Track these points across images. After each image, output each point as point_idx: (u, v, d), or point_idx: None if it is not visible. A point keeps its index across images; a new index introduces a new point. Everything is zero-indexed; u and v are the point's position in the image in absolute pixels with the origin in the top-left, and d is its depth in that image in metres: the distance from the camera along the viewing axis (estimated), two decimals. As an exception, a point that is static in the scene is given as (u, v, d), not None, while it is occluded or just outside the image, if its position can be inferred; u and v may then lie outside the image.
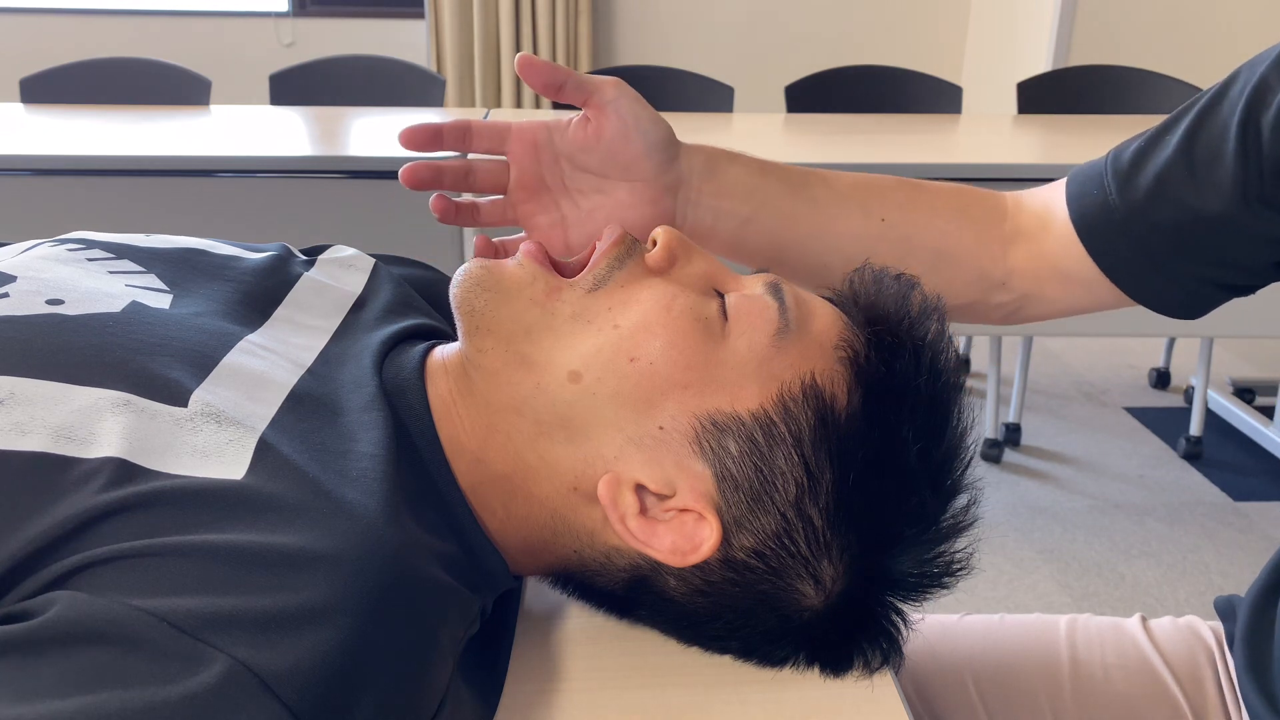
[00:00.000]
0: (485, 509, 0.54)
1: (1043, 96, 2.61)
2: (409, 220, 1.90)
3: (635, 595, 0.55)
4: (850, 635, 0.54)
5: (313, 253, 0.70)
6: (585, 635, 0.59)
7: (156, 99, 2.38)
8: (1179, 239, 0.65)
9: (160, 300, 0.55)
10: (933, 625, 0.80)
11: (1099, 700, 0.74)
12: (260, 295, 0.61)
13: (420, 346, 0.60)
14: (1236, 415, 2.57)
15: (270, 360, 0.54)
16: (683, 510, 0.51)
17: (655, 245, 0.56)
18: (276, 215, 1.94)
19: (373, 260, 0.70)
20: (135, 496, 0.41)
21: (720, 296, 0.55)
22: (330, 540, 0.42)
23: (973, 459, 0.55)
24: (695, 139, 0.69)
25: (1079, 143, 2.20)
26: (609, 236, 0.56)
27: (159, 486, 0.42)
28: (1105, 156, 0.70)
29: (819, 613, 0.53)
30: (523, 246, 0.57)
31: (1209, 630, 0.79)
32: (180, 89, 2.41)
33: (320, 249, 0.70)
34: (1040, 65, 3.40)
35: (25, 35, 3.84)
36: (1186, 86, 2.49)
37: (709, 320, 0.53)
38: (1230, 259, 0.65)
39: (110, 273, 0.57)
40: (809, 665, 0.55)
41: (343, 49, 3.07)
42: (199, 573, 0.39)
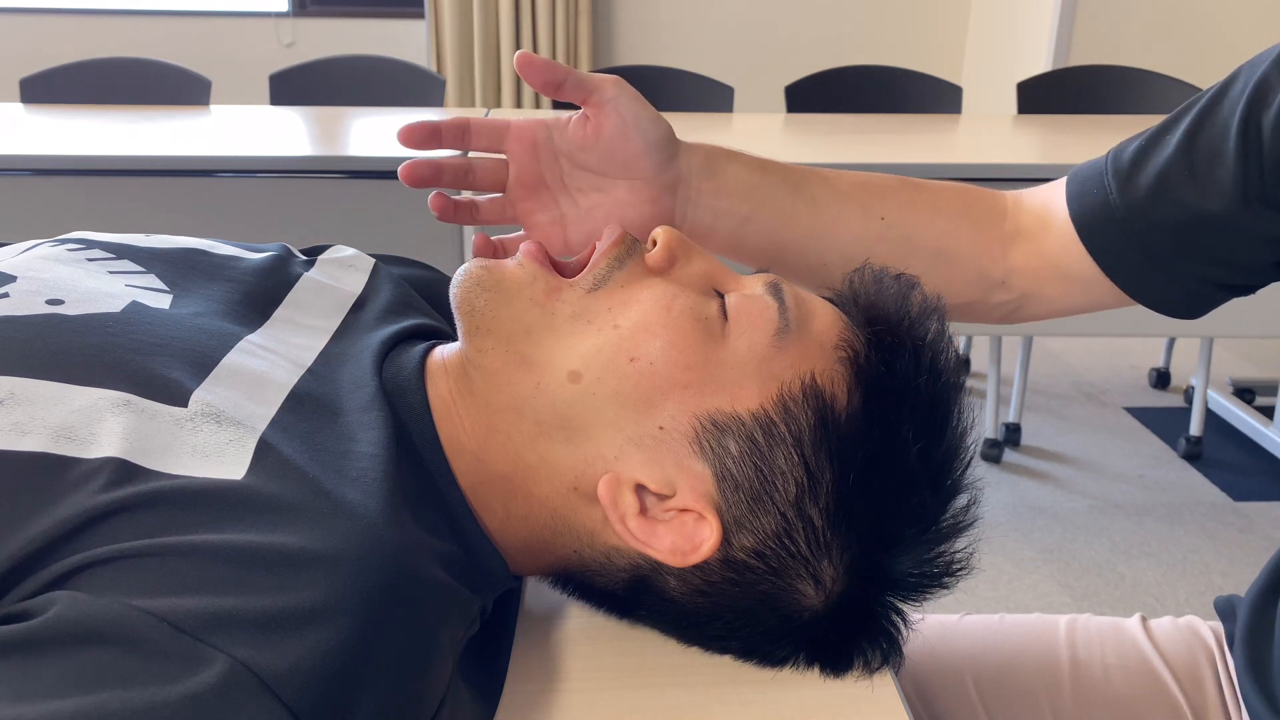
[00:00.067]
0: (485, 509, 0.54)
1: (1043, 96, 2.61)
2: (409, 220, 1.90)
3: (635, 595, 0.55)
4: (850, 635, 0.54)
5: (313, 253, 0.70)
6: (585, 635, 0.59)
7: (156, 99, 2.38)
8: (1179, 238, 0.65)
9: (160, 300, 0.55)
10: (933, 625, 0.80)
11: (1099, 700, 0.74)
12: (260, 295, 0.61)
13: (420, 346, 0.60)
14: (1236, 415, 2.57)
15: (270, 360, 0.54)
16: (683, 510, 0.51)
17: (655, 245, 0.56)
18: (276, 215, 1.94)
19: (373, 260, 0.70)
20: (135, 496, 0.41)
21: (720, 296, 0.55)
22: (330, 540, 0.42)
23: (973, 459, 0.55)
24: (695, 139, 0.69)
25: (1079, 143, 2.20)
26: (609, 236, 0.56)
27: (159, 486, 0.42)
28: (1105, 156, 0.70)
29: (819, 613, 0.53)
30: (523, 247, 0.57)
31: (1209, 630, 0.79)
32: (180, 89, 2.41)
33: (320, 249, 0.70)
34: (1040, 65, 3.40)
35: (25, 35, 3.84)
36: (1186, 86, 2.49)
37: (709, 320, 0.53)
38: (1230, 259, 0.65)
39: (110, 273, 0.57)
40: (809, 665, 0.55)
41: (343, 49, 3.07)
42: (199, 573, 0.39)
